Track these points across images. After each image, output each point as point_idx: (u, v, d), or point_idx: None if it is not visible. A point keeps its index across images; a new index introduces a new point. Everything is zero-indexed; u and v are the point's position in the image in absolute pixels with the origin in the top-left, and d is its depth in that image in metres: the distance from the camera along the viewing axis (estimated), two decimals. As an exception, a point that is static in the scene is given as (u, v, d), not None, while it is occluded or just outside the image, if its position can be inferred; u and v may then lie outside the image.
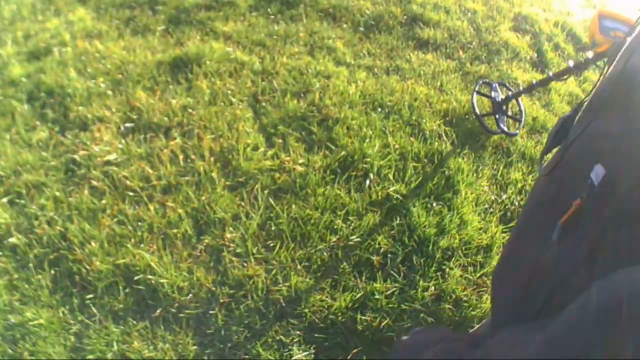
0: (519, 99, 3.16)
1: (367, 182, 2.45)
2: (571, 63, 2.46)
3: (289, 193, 2.34)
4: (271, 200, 2.29)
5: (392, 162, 2.55)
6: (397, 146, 2.64)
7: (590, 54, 2.36)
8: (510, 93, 3.07)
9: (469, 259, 2.28)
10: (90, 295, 1.92)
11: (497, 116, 2.97)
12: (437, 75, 3.28)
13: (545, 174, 1.17)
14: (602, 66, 2.19)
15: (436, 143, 2.73)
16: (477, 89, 3.05)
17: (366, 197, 2.38)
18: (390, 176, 2.48)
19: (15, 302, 1.89)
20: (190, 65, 2.96)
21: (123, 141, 2.47)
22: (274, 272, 2.05)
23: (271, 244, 2.14)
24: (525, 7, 4.39)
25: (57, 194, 2.22)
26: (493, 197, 2.60)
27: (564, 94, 3.62)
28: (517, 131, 3.02)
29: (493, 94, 3.07)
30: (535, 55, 3.93)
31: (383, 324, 1.98)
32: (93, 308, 1.89)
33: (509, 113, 3.08)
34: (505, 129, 2.95)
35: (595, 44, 2.28)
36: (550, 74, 2.70)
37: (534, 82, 2.84)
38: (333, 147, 2.58)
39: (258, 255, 2.10)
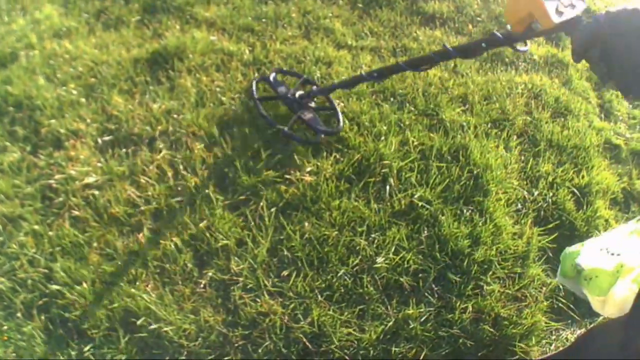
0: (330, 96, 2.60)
1: (387, 188, 2.28)
2: (449, 46, 1.83)
3: (300, 209, 2.16)
4: (280, 220, 2.12)
5: (413, 162, 2.39)
6: (416, 143, 2.48)
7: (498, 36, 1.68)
8: (314, 87, 2.60)
9: (506, 271, 2.15)
10: (88, 347, 1.75)
11: (301, 116, 2.45)
12: (448, 54, 3.10)
13: None
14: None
15: (459, 136, 2.57)
16: (256, 95, 2.53)
17: (388, 208, 2.22)
18: (413, 180, 2.32)
19: (11, 357, 1.73)
20: (170, 61, 2.73)
21: (102, 158, 2.26)
22: (291, 306, 1.89)
23: (285, 273, 1.97)
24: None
25: (36, 227, 2.03)
26: (524, 194, 2.46)
27: (582, 69, 3.49)
28: (340, 126, 2.49)
29: (280, 89, 2.56)
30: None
31: (419, 354, 1.86)
32: (93, 359, 1.73)
33: (313, 105, 2.56)
34: (324, 127, 2.48)
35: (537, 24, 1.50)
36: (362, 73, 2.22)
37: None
38: (344, 149, 2.41)
39: (271, 287, 1.93)
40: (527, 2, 1.41)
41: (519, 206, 2.41)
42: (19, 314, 1.81)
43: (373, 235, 2.12)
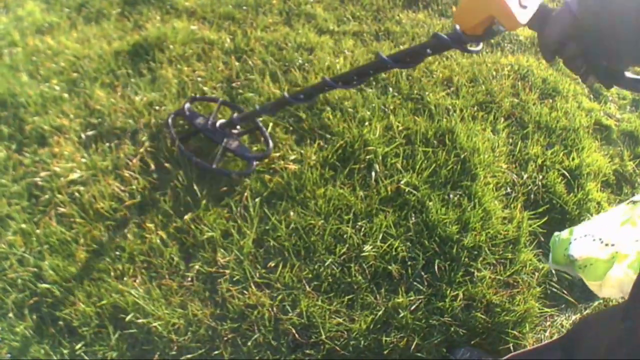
0: (258, 120, 2.39)
1: (373, 174, 2.30)
2: (384, 56, 1.56)
3: (285, 198, 2.18)
4: (265, 210, 2.13)
5: (399, 147, 2.41)
6: (401, 128, 2.49)
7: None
8: (235, 114, 2.38)
9: (496, 257, 2.17)
10: (80, 345, 1.77)
11: (227, 146, 2.27)
12: (433, 37, 3.12)
13: None
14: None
15: (444, 120, 2.58)
16: (171, 126, 2.35)
17: (374, 194, 2.24)
18: (399, 165, 2.34)
19: (5, 357, 1.74)
20: (151, 52, 2.73)
21: (86, 154, 2.27)
22: (279, 297, 1.91)
23: (272, 264, 1.99)
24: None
25: (24, 226, 2.04)
26: (513, 178, 2.48)
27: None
28: (270, 148, 2.34)
29: (198, 120, 2.34)
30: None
31: (410, 343, 1.87)
32: (85, 357, 1.75)
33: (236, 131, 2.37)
34: (253, 153, 2.33)
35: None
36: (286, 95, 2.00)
37: (271, 103, 2.20)
38: (328, 136, 2.42)
39: (259, 279, 1.95)
40: (486, 4, 1.17)
41: (508, 190, 2.44)
42: (10, 314, 1.82)
43: (360, 223, 2.13)
